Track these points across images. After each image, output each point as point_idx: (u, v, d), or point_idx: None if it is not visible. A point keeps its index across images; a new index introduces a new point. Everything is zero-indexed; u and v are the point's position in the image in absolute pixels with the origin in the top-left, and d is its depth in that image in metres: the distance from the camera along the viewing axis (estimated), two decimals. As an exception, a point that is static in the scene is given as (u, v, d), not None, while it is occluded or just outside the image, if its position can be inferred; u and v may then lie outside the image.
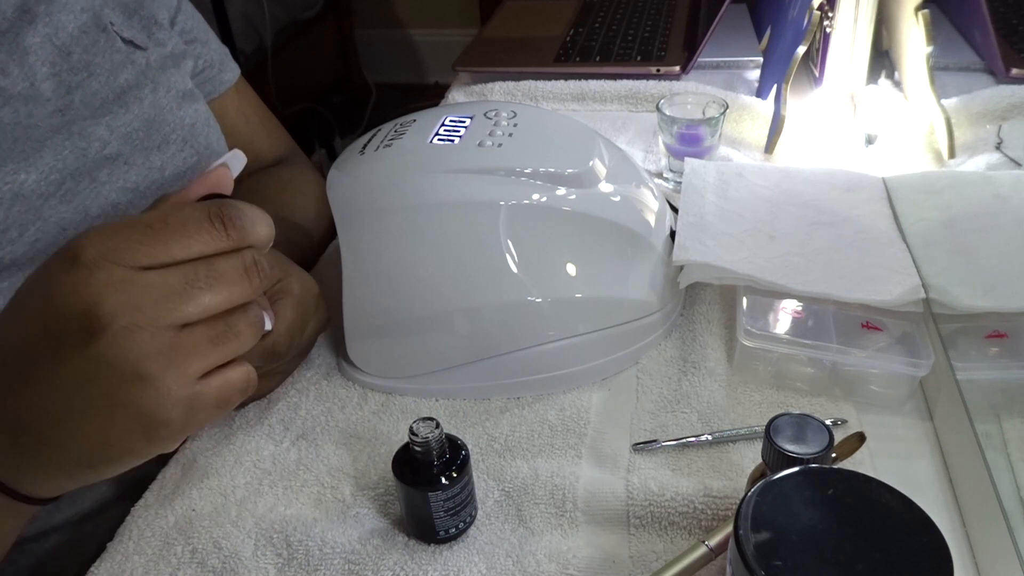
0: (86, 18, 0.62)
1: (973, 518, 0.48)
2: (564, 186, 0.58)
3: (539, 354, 0.58)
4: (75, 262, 0.36)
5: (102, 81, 0.61)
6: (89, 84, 0.60)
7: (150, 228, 0.37)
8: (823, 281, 0.61)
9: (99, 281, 0.36)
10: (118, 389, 0.37)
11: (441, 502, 0.47)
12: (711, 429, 0.55)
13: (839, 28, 0.89)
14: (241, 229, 0.38)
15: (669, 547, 0.48)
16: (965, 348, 0.56)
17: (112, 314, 0.36)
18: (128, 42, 0.64)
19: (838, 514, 0.33)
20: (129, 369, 0.36)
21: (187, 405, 0.38)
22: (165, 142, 0.63)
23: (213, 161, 0.45)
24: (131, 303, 0.36)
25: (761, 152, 0.89)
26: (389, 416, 0.59)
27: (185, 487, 0.54)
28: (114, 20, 0.64)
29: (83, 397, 0.37)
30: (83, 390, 0.37)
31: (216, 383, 0.39)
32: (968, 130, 0.84)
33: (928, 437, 0.55)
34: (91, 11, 0.62)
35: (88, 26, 0.62)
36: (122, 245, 0.36)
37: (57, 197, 0.55)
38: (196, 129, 0.66)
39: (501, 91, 1.06)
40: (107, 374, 0.36)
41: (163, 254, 0.37)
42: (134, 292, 0.36)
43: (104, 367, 0.36)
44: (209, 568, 0.49)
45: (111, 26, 0.63)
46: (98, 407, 0.37)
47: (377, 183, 0.58)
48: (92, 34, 0.62)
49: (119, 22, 0.64)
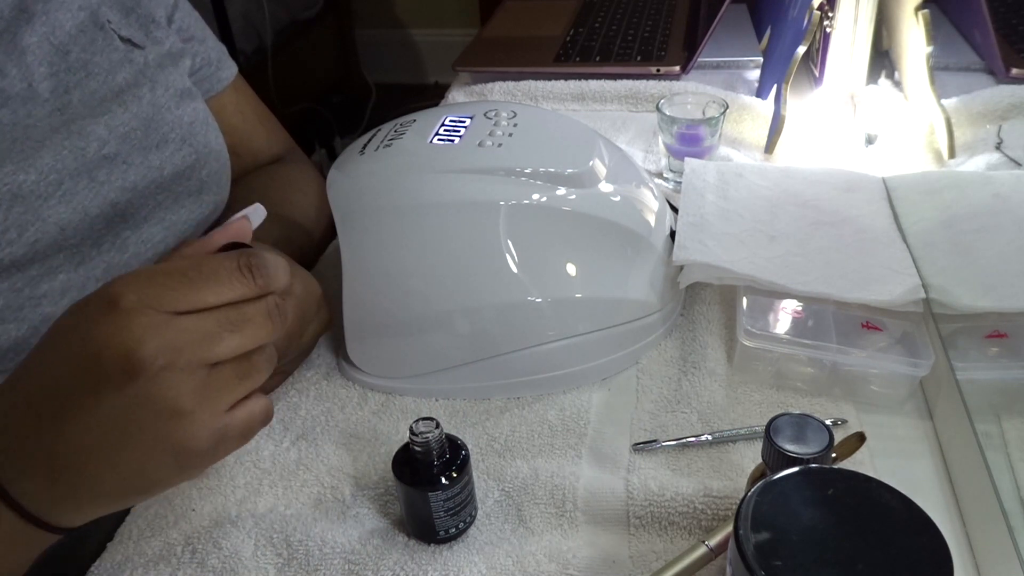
0: (83, 16, 0.62)
1: (973, 518, 0.48)
2: (564, 186, 0.58)
3: (539, 354, 0.58)
4: (114, 307, 0.39)
5: (100, 80, 0.61)
6: (87, 83, 0.60)
7: (185, 276, 0.40)
8: (823, 281, 0.61)
9: (139, 325, 0.38)
10: (155, 424, 0.40)
11: (441, 502, 0.47)
12: (711, 429, 0.55)
13: (839, 28, 0.89)
14: (267, 277, 0.42)
15: (669, 547, 0.48)
16: (965, 348, 0.56)
17: (152, 356, 0.38)
18: (126, 40, 0.64)
19: (838, 514, 0.33)
20: (167, 406, 0.39)
21: (217, 436, 0.42)
22: (164, 141, 0.63)
23: (211, 161, 0.47)
24: (169, 345, 0.39)
25: (761, 152, 0.89)
26: (389, 416, 0.59)
27: (185, 487, 0.54)
28: (112, 18, 0.64)
29: (121, 432, 0.40)
30: (121, 426, 0.39)
31: (241, 415, 0.43)
32: (968, 130, 0.84)
33: (928, 437, 0.55)
34: (88, 9, 0.62)
35: (86, 24, 0.62)
36: (160, 292, 0.39)
37: (56, 197, 0.55)
38: (195, 128, 0.66)
39: (501, 91, 1.06)
40: (145, 411, 0.39)
41: (198, 300, 0.40)
42: (172, 335, 0.39)
43: (143, 404, 0.39)
44: (209, 568, 0.49)
45: (108, 24, 0.63)
46: (136, 441, 0.40)
47: (377, 183, 0.58)
48: (90, 33, 0.62)
49: (117, 20, 0.64)
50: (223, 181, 0.70)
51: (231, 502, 0.53)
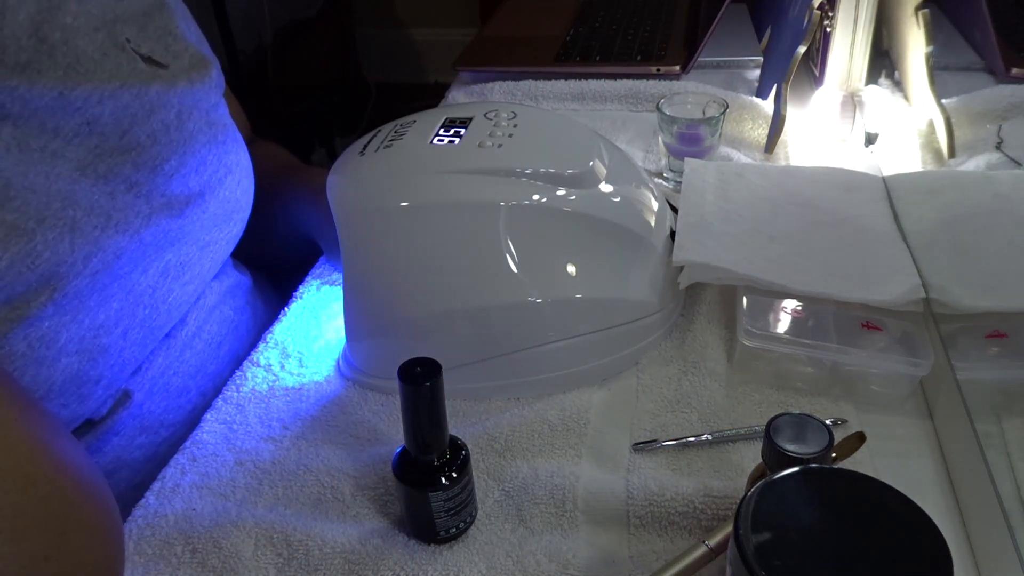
0: (102, 38, 0.57)
1: (973, 518, 0.48)
2: (564, 186, 0.58)
3: (539, 355, 0.58)
4: None
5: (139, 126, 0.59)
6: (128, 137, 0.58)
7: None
8: (823, 281, 0.61)
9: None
10: None
11: (441, 502, 0.47)
12: (711, 429, 0.55)
13: (839, 28, 0.89)
14: None
15: (669, 547, 0.48)
16: (965, 348, 0.56)
17: None
18: (148, 59, 0.61)
19: (838, 514, 0.33)
20: None
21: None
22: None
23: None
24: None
25: (761, 152, 0.89)
26: (389, 416, 0.59)
27: (185, 487, 0.54)
28: (130, 36, 0.60)
29: None
30: None
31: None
32: (968, 130, 0.84)
33: (928, 437, 0.55)
34: (105, 29, 0.58)
35: (107, 47, 0.57)
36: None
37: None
38: (237, 197, 0.67)
39: (501, 91, 1.06)
40: None
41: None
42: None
43: None
44: (209, 568, 0.49)
45: (128, 44, 0.59)
46: None
47: (377, 184, 0.58)
48: (113, 57, 0.57)
49: (135, 37, 0.60)
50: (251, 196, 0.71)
51: (231, 502, 0.53)
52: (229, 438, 0.57)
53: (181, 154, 0.61)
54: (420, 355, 0.44)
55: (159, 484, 0.54)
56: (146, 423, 0.61)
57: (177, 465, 0.56)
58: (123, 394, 0.59)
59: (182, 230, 0.61)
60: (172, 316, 0.62)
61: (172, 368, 0.63)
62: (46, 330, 0.51)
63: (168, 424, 0.63)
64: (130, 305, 0.57)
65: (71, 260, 0.52)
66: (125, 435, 0.60)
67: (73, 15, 0.55)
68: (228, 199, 0.66)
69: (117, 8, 0.59)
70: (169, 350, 0.63)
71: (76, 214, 0.52)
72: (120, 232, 0.55)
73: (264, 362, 0.64)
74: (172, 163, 0.60)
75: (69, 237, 0.52)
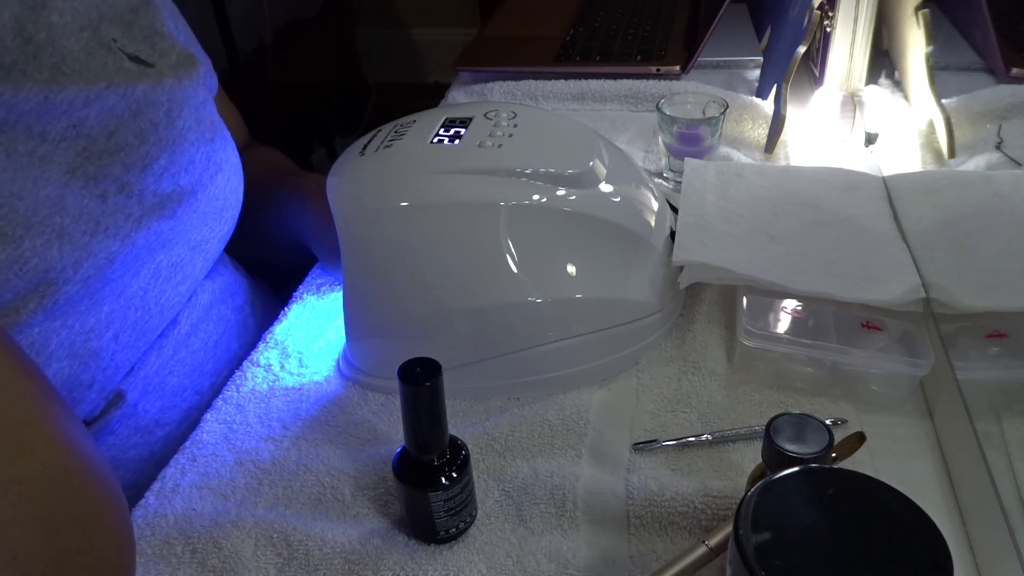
0: (87, 37, 0.57)
1: (973, 518, 0.48)
2: (564, 186, 0.58)
3: (539, 355, 0.58)
4: None
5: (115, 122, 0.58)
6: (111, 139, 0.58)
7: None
8: (823, 281, 0.61)
9: None
10: None
11: (441, 502, 0.47)
12: (711, 429, 0.55)
13: (839, 28, 0.89)
14: None
15: (669, 547, 0.48)
16: (965, 348, 0.56)
17: None
18: (135, 59, 0.61)
19: (838, 514, 0.33)
20: None
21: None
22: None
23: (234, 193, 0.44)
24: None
25: (761, 152, 0.89)
26: (389, 416, 0.59)
27: (185, 487, 0.54)
28: (115, 35, 0.60)
29: None
30: None
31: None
32: (968, 130, 0.84)
33: (928, 437, 0.55)
34: (90, 28, 0.58)
35: (92, 47, 0.57)
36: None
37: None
38: (226, 193, 0.67)
39: (501, 91, 1.06)
40: None
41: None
42: None
43: None
44: (209, 568, 0.49)
45: (114, 43, 0.59)
46: None
47: (377, 184, 0.58)
48: (99, 56, 0.57)
49: (120, 36, 0.60)
50: (240, 194, 0.70)
51: (231, 502, 0.53)
52: (229, 438, 0.57)
53: (171, 152, 0.60)
54: (420, 355, 0.44)
55: (159, 484, 0.54)
56: (141, 423, 0.61)
57: (177, 465, 0.56)
58: (116, 395, 0.59)
59: (173, 231, 0.61)
60: (164, 317, 0.62)
61: (167, 368, 0.63)
62: (36, 336, 0.51)
63: (164, 423, 0.63)
64: (121, 308, 0.57)
65: (60, 266, 0.51)
66: (120, 435, 0.60)
67: (59, 13, 0.55)
68: (218, 196, 0.66)
69: (102, 7, 0.59)
70: (162, 350, 0.63)
71: (64, 220, 0.52)
72: (111, 237, 0.55)
73: (264, 362, 0.64)
74: (162, 161, 0.59)
75: (58, 243, 0.51)
